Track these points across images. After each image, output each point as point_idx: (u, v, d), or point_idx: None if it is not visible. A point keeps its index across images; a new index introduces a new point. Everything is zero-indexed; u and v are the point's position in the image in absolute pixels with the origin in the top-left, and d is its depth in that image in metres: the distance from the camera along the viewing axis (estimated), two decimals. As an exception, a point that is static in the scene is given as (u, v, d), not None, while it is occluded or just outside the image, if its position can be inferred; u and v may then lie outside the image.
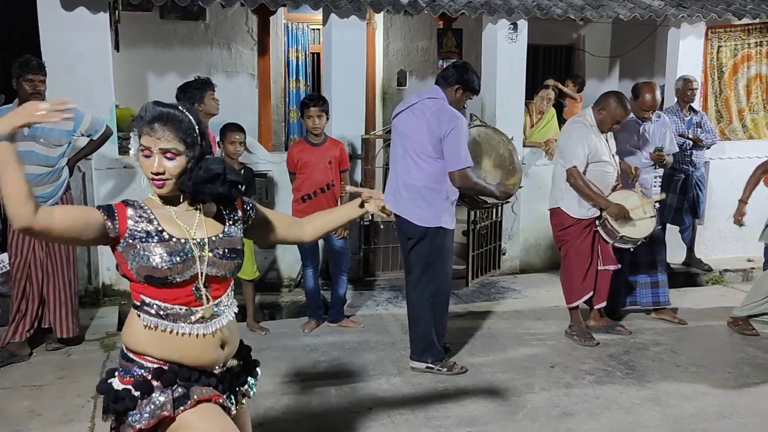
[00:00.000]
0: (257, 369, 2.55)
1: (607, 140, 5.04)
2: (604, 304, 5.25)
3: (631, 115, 5.41)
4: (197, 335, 2.22)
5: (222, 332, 2.29)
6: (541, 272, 7.04)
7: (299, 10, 6.75)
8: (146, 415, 2.15)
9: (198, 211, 2.27)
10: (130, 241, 2.14)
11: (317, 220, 2.62)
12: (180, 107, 2.19)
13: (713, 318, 5.78)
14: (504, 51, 6.74)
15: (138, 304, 2.21)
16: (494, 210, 6.73)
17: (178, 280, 2.16)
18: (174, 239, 2.18)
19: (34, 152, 4.58)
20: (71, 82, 5.47)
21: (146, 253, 2.13)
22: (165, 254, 2.14)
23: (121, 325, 5.43)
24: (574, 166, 4.89)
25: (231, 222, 2.34)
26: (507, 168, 4.92)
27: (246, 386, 2.48)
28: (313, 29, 9.03)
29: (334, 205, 5.24)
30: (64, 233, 2.04)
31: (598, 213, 4.96)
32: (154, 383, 2.19)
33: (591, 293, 5.10)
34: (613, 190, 5.02)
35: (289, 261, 6.28)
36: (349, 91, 6.37)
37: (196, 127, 2.18)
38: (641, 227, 4.93)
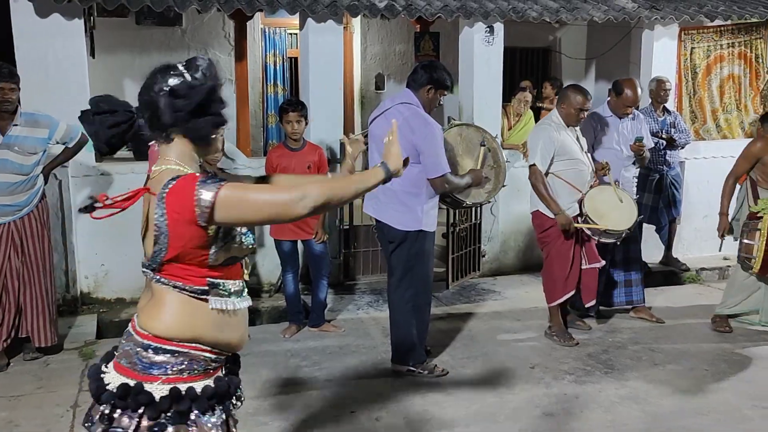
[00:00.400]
0: (238, 372, 2.41)
1: (578, 138, 5.09)
2: (593, 302, 5.27)
3: (609, 112, 5.52)
4: (245, 309, 2.22)
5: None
6: (521, 274, 7.08)
7: (276, 15, 6.75)
8: (217, 421, 2.09)
9: None
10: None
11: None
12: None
13: (690, 316, 5.86)
14: (481, 54, 6.78)
15: (203, 288, 2.07)
16: (473, 212, 6.76)
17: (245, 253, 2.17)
18: None
19: (8, 161, 4.54)
20: (46, 90, 5.42)
21: (237, 233, 2.09)
22: (249, 231, 2.13)
23: (99, 333, 5.40)
24: (534, 165, 4.96)
25: None
26: (491, 166, 4.91)
27: (239, 392, 2.36)
28: (291, 34, 9.03)
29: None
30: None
31: (576, 212, 4.99)
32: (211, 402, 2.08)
33: (572, 292, 5.15)
34: (591, 187, 5.05)
35: (268, 266, 6.27)
36: (327, 95, 6.37)
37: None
38: (622, 219, 4.94)
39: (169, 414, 2.01)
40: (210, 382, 2.11)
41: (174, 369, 2.06)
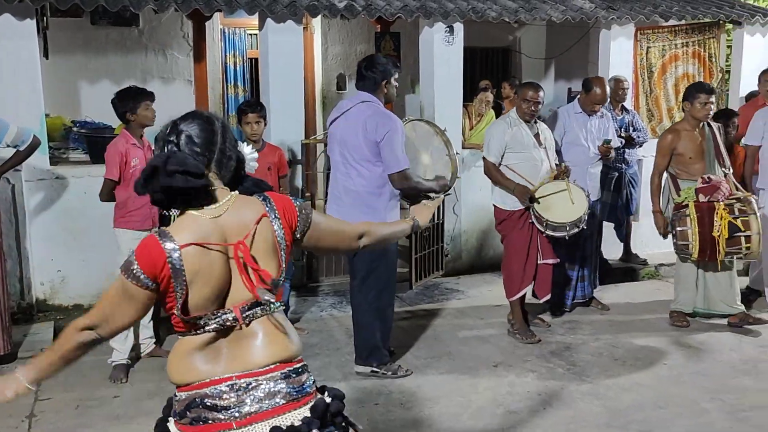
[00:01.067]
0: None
1: (537, 133, 5.14)
2: (548, 297, 5.35)
3: (579, 109, 5.61)
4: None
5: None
6: (484, 272, 7.11)
7: (235, 15, 6.69)
8: None
9: None
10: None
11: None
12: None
13: (649, 312, 5.95)
14: (441, 54, 6.80)
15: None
16: (436, 212, 6.77)
17: None
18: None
19: (-42, 165, 4.42)
20: (-2, 92, 5.30)
21: None
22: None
23: (56, 340, 5.28)
24: (484, 158, 5.09)
25: None
26: (443, 160, 4.95)
27: None
28: (250, 34, 8.94)
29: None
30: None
31: (526, 203, 5.05)
32: None
33: (530, 286, 5.19)
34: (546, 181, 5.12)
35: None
36: (287, 96, 6.33)
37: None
38: (566, 212, 4.99)
39: None
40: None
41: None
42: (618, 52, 7.53)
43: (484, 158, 5.14)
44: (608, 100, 5.70)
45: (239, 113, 5.18)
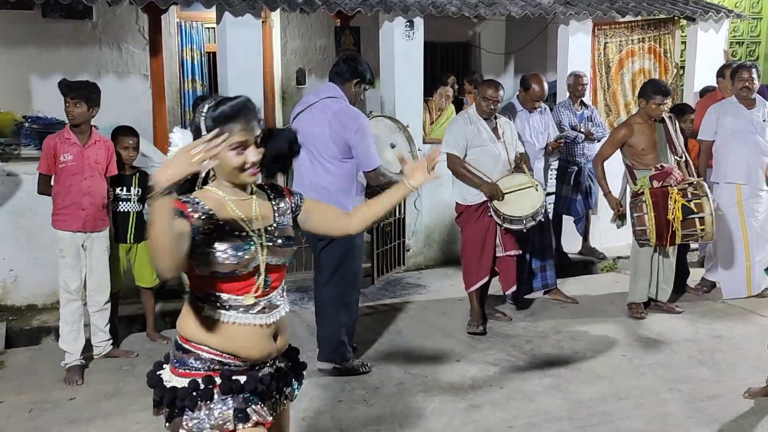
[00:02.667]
0: (303, 372, 2.53)
1: (496, 127, 5.17)
2: (513, 289, 5.41)
3: (521, 106, 5.68)
4: (257, 325, 2.24)
5: (277, 323, 2.31)
6: (446, 267, 7.12)
7: (192, 9, 6.56)
8: (207, 425, 2.17)
9: (253, 200, 2.27)
10: (195, 239, 2.11)
11: (365, 210, 2.55)
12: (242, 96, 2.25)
13: (608, 303, 6.02)
14: (401, 48, 6.78)
15: (202, 296, 2.22)
16: (397, 206, 6.76)
17: (244, 272, 2.19)
18: (236, 233, 2.19)
19: None
20: (-56, 86, 5.12)
21: (210, 249, 2.14)
22: (230, 249, 2.15)
23: (9, 342, 5.13)
24: (447, 153, 5.10)
25: (280, 212, 2.34)
26: (406, 156, 4.94)
27: (290, 389, 2.45)
28: (208, 28, 8.81)
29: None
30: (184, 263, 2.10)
31: (483, 198, 5.07)
32: (215, 390, 2.19)
33: (485, 279, 5.22)
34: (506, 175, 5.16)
35: (189, 266, 6.10)
36: (246, 90, 6.06)
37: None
38: (523, 204, 5.03)
39: (182, 403, 2.19)
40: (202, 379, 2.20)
41: (189, 365, 2.22)
42: (576, 48, 7.60)
43: (448, 154, 5.12)
44: (546, 96, 5.77)
45: (194, 107, 5.07)
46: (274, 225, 2.30)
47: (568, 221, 7.07)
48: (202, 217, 2.15)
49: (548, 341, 5.17)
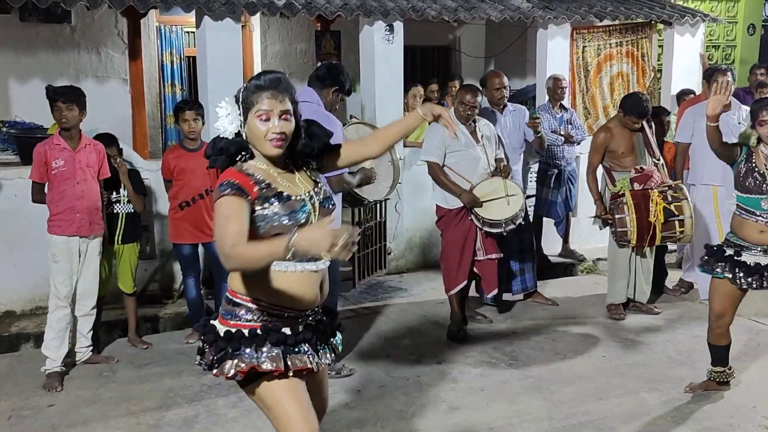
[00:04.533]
0: (340, 324, 2.78)
1: (475, 130, 5.20)
2: (495, 292, 5.43)
3: (491, 107, 5.72)
4: (310, 272, 2.47)
5: (323, 273, 2.54)
6: (427, 270, 7.14)
7: (171, 13, 6.55)
8: (264, 357, 2.38)
9: (294, 170, 2.50)
10: (258, 208, 2.35)
11: (380, 134, 2.82)
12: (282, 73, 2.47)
13: (588, 305, 6.07)
14: (381, 52, 6.81)
15: None
16: (378, 210, 6.78)
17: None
18: (293, 198, 2.41)
19: None
20: None
21: (273, 215, 2.36)
22: (289, 214, 2.37)
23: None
24: (429, 160, 5.14)
25: (314, 175, 2.57)
26: (385, 165, 4.97)
27: (334, 340, 2.68)
28: (188, 32, 8.78)
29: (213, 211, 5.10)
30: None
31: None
32: (266, 336, 2.40)
33: (464, 283, 5.25)
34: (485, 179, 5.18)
35: (169, 272, 6.08)
36: (226, 94, 6.00)
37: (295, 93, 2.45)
38: (502, 210, 5.06)
39: (228, 349, 2.41)
40: (259, 329, 2.43)
41: (240, 317, 2.45)
42: (555, 51, 7.67)
43: (428, 162, 5.15)
44: (506, 88, 5.76)
45: (176, 111, 5.10)
46: (318, 189, 2.52)
47: (548, 223, 7.12)
48: (261, 189, 2.36)
49: (528, 343, 5.21)
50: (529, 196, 6.49)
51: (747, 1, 10.69)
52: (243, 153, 2.44)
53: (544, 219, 7.04)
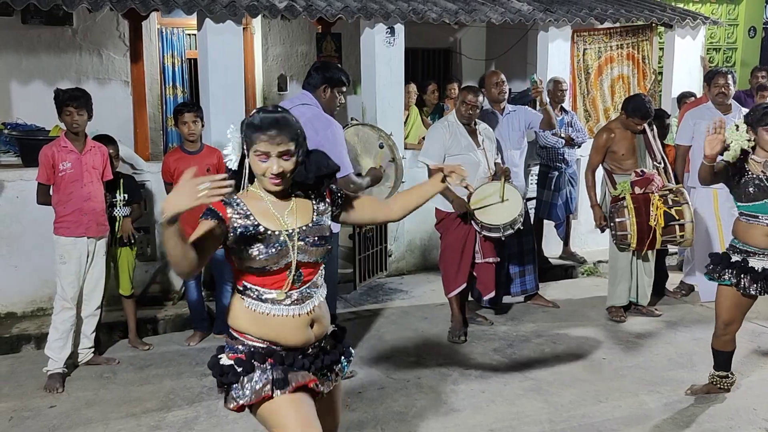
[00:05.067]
0: (350, 349, 2.74)
1: (476, 134, 5.19)
2: (492, 295, 5.43)
3: (490, 107, 5.70)
4: (291, 316, 2.44)
5: (313, 313, 2.50)
6: (427, 272, 7.14)
7: (173, 15, 6.57)
8: (248, 392, 2.40)
9: (291, 201, 2.48)
10: (232, 235, 2.37)
11: (402, 199, 2.79)
12: (285, 110, 2.44)
13: (588, 307, 6.07)
14: (382, 54, 6.82)
15: (241, 288, 2.46)
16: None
17: (274, 268, 2.39)
18: (269, 232, 2.39)
19: None
20: None
21: (245, 246, 2.36)
22: (262, 247, 2.37)
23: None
24: (426, 163, 5.15)
25: (318, 212, 2.53)
26: (388, 165, 4.95)
27: (339, 366, 2.65)
28: (189, 34, 8.80)
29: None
30: (208, 257, 2.35)
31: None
32: (256, 363, 2.41)
33: (464, 285, 5.25)
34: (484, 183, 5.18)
35: (171, 274, 6.08)
36: (227, 96, 6.25)
37: (300, 128, 2.43)
38: (501, 214, 5.04)
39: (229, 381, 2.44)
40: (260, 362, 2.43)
41: (237, 350, 2.46)
42: (556, 54, 7.67)
43: (427, 164, 5.15)
44: (505, 89, 5.76)
45: (175, 114, 5.12)
46: (310, 225, 2.48)
47: (548, 226, 7.13)
48: (241, 218, 2.38)
49: (529, 345, 5.21)
50: (529, 199, 6.50)
51: (748, 3, 10.70)
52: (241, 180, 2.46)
53: (545, 221, 7.05)
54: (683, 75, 8.38)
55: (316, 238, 2.47)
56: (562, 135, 6.74)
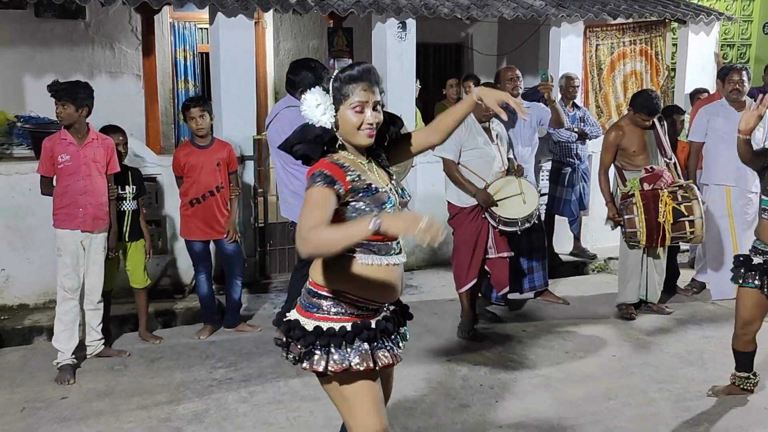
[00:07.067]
0: (410, 313, 2.82)
1: (490, 128, 5.18)
2: (506, 290, 5.42)
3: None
4: (396, 264, 2.53)
5: (403, 267, 2.60)
6: (437, 268, 7.14)
7: (185, 9, 6.57)
8: (356, 359, 2.43)
9: (373, 164, 2.53)
10: (350, 198, 2.39)
11: (441, 122, 2.83)
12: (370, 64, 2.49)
13: (599, 304, 6.05)
14: (394, 49, 6.81)
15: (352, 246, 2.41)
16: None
17: None
18: (380, 190, 2.45)
19: None
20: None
21: (365, 207, 2.40)
22: (377, 205, 2.41)
23: (1, 341, 5.14)
24: (443, 157, 5.13)
25: (388, 166, 2.62)
26: None
27: (403, 329, 2.75)
28: (201, 28, 8.81)
29: (225, 209, 5.14)
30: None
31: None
32: (349, 332, 2.43)
33: (474, 280, 5.24)
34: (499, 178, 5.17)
35: (182, 267, 6.11)
36: (239, 91, 6.26)
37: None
38: (518, 208, 5.04)
39: (317, 343, 2.44)
40: (349, 324, 2.46)
41: (327, 310, 2.48)
42: (568, 50, 7.64)
43: (442, 157, 5.14)
44: (519, 85, 5.71)
45: (183, 110, 5.14)
46: (394, 180, 2.58)
47: (560, 222, 7.10)
48: (355, 181, 2.39)
49: (539, 341, 5.21)
50: (541, 195, 6.48)
51: (763, -1, 10.61)
52: (335, 143, 2.48)
53: (557, 217, 7.02)
54: (696, 71, 8.32)
55: (403, 189, 2.59)
56: (575, 129, 6.72)
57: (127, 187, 4.99)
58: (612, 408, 4.14)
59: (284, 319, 2.56)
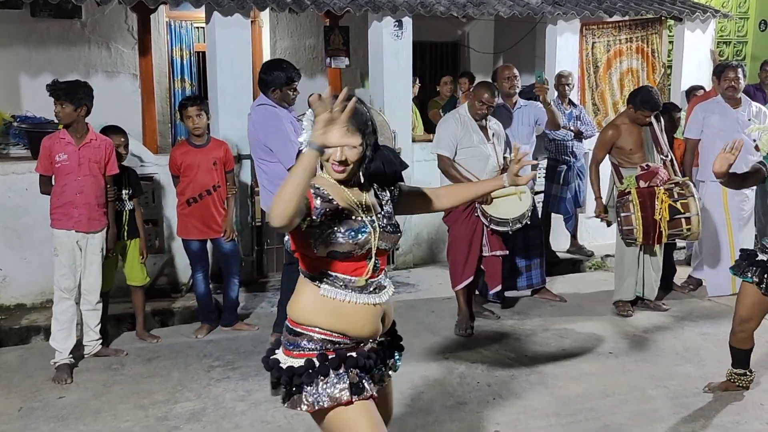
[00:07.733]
0: (402, 344, 2.74)
1: (486, 127, 5.19)
2: (499, 288, 5.44)
3: (503, 102, 5.67)
4: (371, 304, 2.43)
5: (385, 305, 2.51)
6: (434, 265, 7.15)
7: (181, 8, 6.57)
8: (324, 397, 2.35)
9: (363, 191, 2.48)
10: (317, 220, 2.32)
11: (456, 193, 2.85)
12: (359, 99, 2.36)
13: (596, 302, 6.07)
14: (390, 48, 6.81)
15: (317, 276, 2.40)
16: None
17: (359, 253, 2.38)
18: (352, 217, 2.38)
19: None
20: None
21: (331, 230, 2.33)
22: (349, 231, 2.35)
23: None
24: (439, 153, 5.17)
25: (384, 201, 2.55)
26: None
27: (392, 360, 2.67)
28: (197, 27, 8.80)
29: (222, 207, 5.15)
30: (295, 222, 2.22)
31: None
32: (330, 365, 2.36)
33: (471, 278, 5.26)
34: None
35: (179, 266, 6.11)
36: (235, 90, 6.25)
37: (371, 120, 2.41)
38: (511, 208, 5.05)
39: (292, 382, 2.38)
40: (316, 359, 2.37)
41: (303, 347, 2.40)
42: (564, 47, 7.65)
43: (438, 154, 5.16)
44: (516, 84, 5.74)
45: (180, 109, 5.15)
46: (382, 213, 2.50)
47: (556, 219, 7.11)
48: (323, 202, 2.35)
49: (536, 339, 5.22)
50: (536, 193, 6.49)
51: (758, -4, 10.61)
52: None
53: (553, 215, 7.03)
54: (693, 68, 8.32)
55: (391, 225, 2.50)
56: (571, 128, 6.72)
57: (123, 188, 4.98)
58: (609, 405, 4.15)
59: (271, 357, 2.48)
